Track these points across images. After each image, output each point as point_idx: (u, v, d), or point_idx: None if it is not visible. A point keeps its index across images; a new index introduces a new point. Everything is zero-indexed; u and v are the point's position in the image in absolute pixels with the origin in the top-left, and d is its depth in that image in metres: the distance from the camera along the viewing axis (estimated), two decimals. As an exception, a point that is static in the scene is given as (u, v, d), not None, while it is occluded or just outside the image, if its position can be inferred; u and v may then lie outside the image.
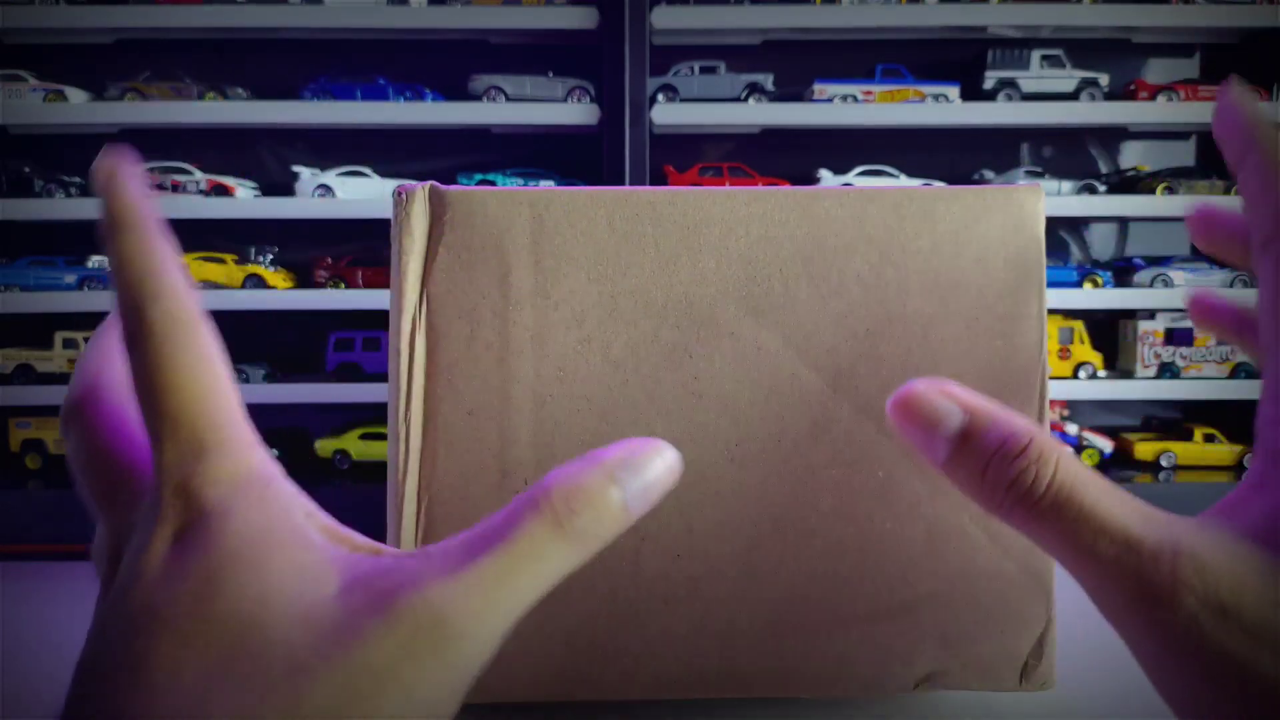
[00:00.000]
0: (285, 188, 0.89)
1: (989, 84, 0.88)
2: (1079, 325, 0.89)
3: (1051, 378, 0.36)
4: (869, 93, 0.87)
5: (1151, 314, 0.88)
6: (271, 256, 0.89)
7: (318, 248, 0.91)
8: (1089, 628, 0.44)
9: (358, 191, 0.87)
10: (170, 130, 0.89)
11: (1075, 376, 0.88)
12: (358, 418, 0.88)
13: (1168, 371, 0.88)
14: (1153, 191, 0.87)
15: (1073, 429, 0.90)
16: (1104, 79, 0.89)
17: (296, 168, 0.88)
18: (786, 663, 0.35)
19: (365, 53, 0.90)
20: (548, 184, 0.89)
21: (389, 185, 0.87)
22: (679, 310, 0.35)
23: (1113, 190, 0.89)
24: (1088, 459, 0.89)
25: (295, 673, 0.19)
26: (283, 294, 0.85)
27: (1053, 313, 0.85)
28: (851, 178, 0.90)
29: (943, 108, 0.87)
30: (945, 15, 0.85)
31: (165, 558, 0.21)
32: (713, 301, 0.35)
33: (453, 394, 0.35)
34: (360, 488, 0.82)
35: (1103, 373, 0.89)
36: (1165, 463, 0.87)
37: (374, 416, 0.88)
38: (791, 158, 0.93)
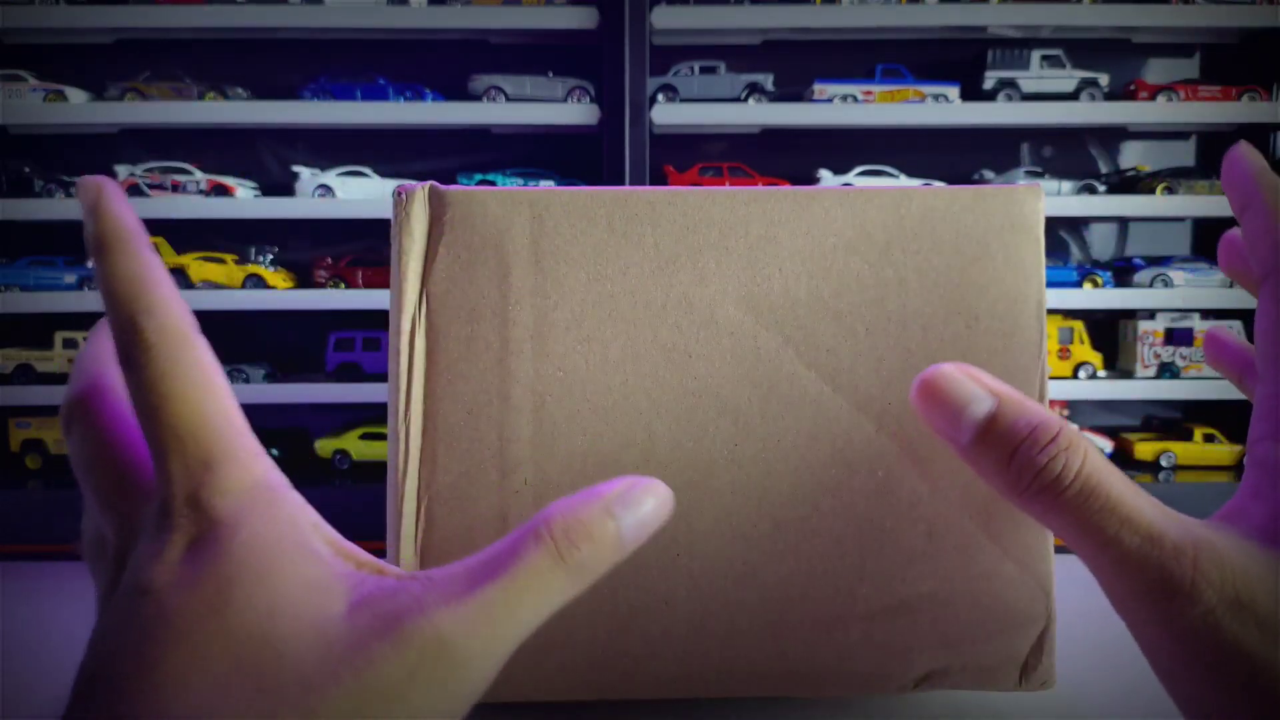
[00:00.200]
0: (285, 188, 0.89)
1: (989, 84, 0.88)
2: (1079, 325, 0.89)
3: (1051, 378, 0.36)
4: (869, 93, 0.87)
5: (1151, 314, 0.88)
6: (271, 256, 0.89)
7: (318, 248, 0.91)
8: (1089, 628, 0.44)
9: (358, 191, 0.87)
10: (170, 130, 0.89)
11: (1075, 376, 0.88)
12: (358, 418, 0.88)
13: (1168, 371, 0.88)
14: (1153, 191, 0.87)
15: (1073, 429, 0.90)
16: (1104, 79, 0.89)
17: (296, 168, 0.88)
18: (786, 663, 0.35)
19: (365, 53, 0.90)
20: (548, 184, 0.89)
21: (389, 185, 0.87)
22: (679, 310, 0.35)
23: (1113, 190, 0.89)
24: (1088, 459, 0.89)
25: (306, 690, 0.20)
26: (283, 294, 0.85)
27: (1053, 313, 0.85)
28: (851, 178, 0.90)
29: (943, 108, 0.87)
30: (945, 15, 0.85)
31: (178, 568, 0.21)
32: (713, 301, 0.35)
33: (453, 394, 0.35)
34: (360, 488, 0.82)
35: (1103, 373, 0.89)
36: (1165, 463, 0.87)
37: (374, 416, 0.88)
38: (791, 158, 0.93)
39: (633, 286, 0.35)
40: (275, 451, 0.86)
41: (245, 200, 0.87)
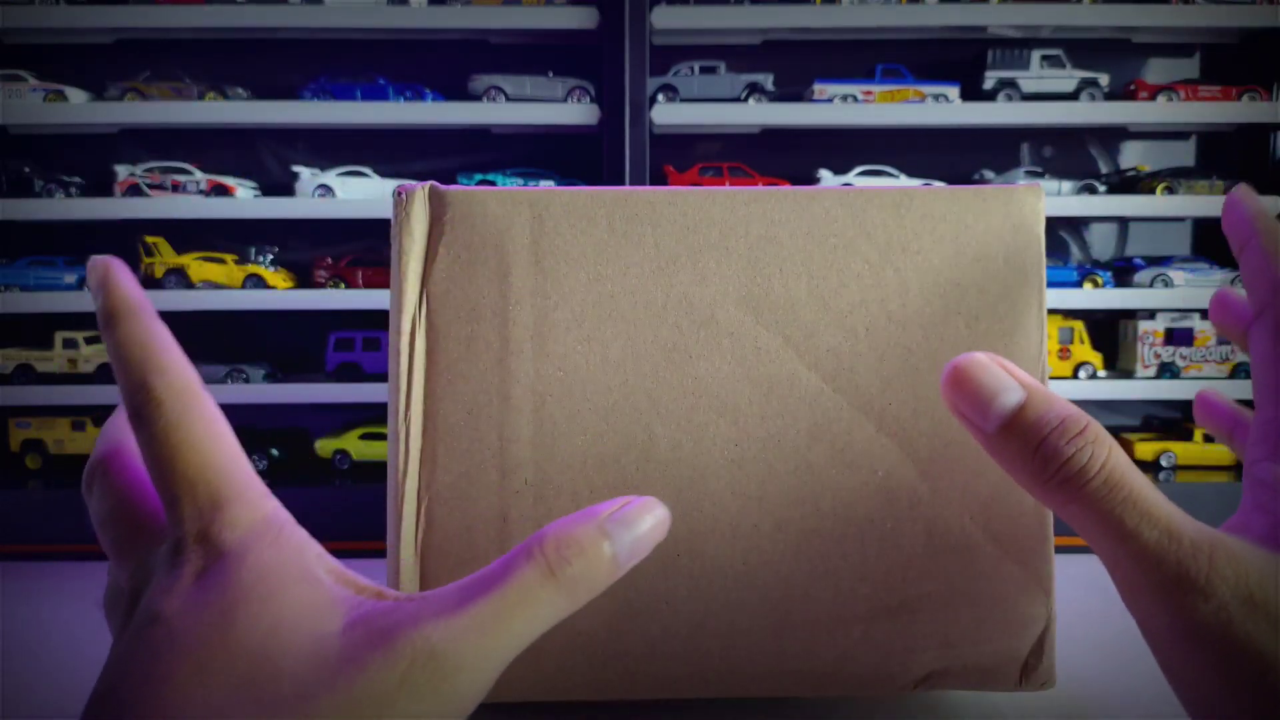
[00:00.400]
0: (285, 188, 0.89)
1: (989, 84, 0.88)
2: (1079, 325, 0.89)
3: (1051, 378, 0.36)
4: (869, 93, 0.87)
5: (1151, 314, 0.88)
6: (271, 256, 0.89)
7: (318, 248, 0.91)
8: (1089, 628, 0.44)
9: (358, 191, 0.87)
10: (170, 130, 0.89)
11: (1075, 376, 0.88)
12: (358, 418, 0.88)
13: (1168, 371, 0.88)
14: (1153, 191, 0.87)
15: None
16: (1104, 79, 0.89)
17: (296, 168, 0.88)
18: (786, 663, 0.35)
19: (365, 53, 0.90)
20: (548, 184, 0.89)
21: (389, 185, 0.87)
22: (679, 310, 0.35)
23: (1113, 190, 0.89)
24: (1088, 459, 0.89)
25: (302, 699, 0.21)
26: (283, 294, 0.85)
27: (1053, 313, 0.85)
28: (851, 178, 0.90)
29: (943, 108, 0.87)
30: (945, 15, 0.85)
31: (186, 595, 0.22)
32: (713, 301, 0.35)
33: (453, 394, 0.35)
34: (360, 488, 0.82)
35: (1103, 373, 0.89)
36: (1165, 463, 0.87)
37: (374, 416, 0.88)
38: (791, 158, 0.93)
39: (633, 286, 0.35)
40: (275, 451, 0.86)
41: (245, 200, 0.87)
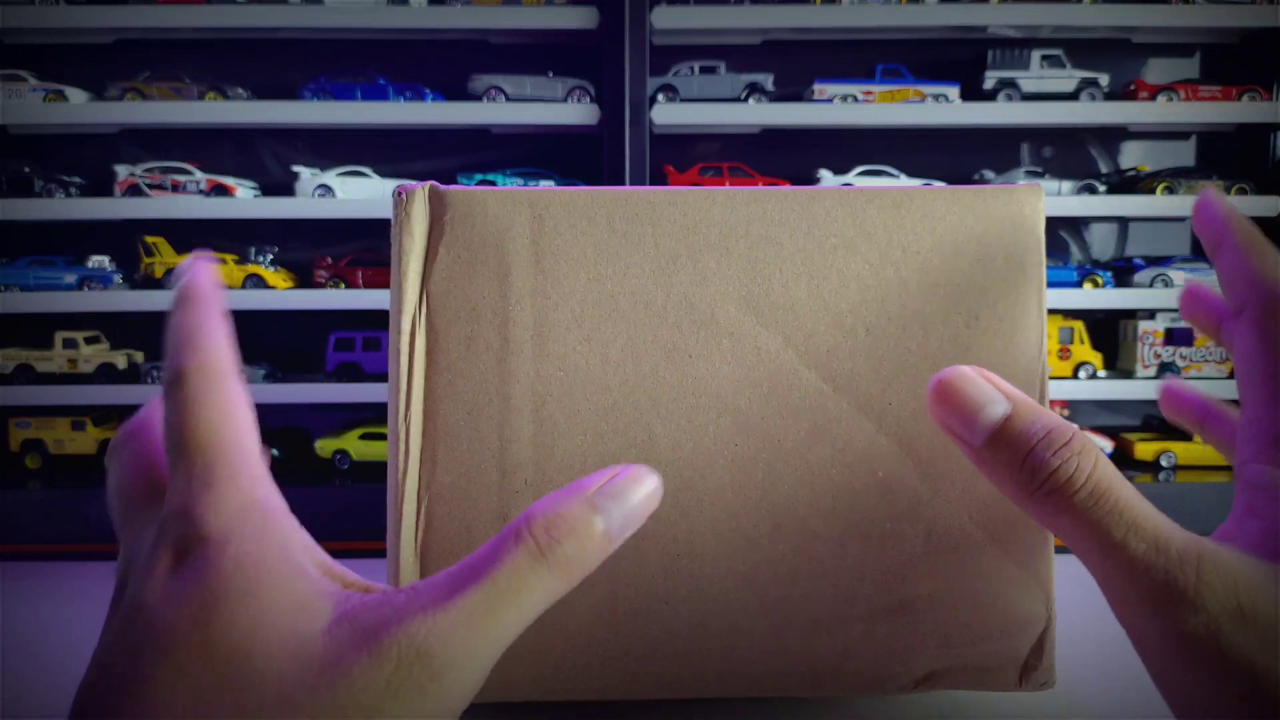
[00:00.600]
0: (285, 188, 0.89)
1: (989, 84, 0.88)
2: (1079, 325, 0.89)
3: (1051, 378, 0.36)
4: (869, 93, 0.87)
5: (1151, 314, 0.88)
6: (271, 256, 0.89)
7: (318, 248, 0.91)
8: (1089, 628, 0.44)
9: (358, 191, 0.87)
10: (170, 130, 0.89)
11: (1075, 376, 0.88)
12: (358, 418, 0.88)
13: (1168, 371, 0.88)
14: (1153, 191, 0.87)
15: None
16: (1104, 79, 0.89)
17: (296, 168, 0.88)
18: (786, 663, 0.35)
19: (365, 53, 0.90)
20: (548, 184, 0.89)
21: (389, 185, 0.87)
22: (679, 310, 0.35)
23: (1113, 190, 0.89)
24: (1088, 459, 0.89)
25: (283, 706, 0.20)
26: (283, 294, 0.85)
27: (1053, 313, 0.85)
28: (851, 178, 0.90)
29: (943, 108, 0.87)
30: (945, 15, 0.85)
31: (165, 582, 0.22)
32: (713, 301, 0.35)
33: (453, 394, 0.35)
34: (360, 488, 0.82)
35: (1103, 373, 0.89)
36: (1165, 463, 0.87)
37: (374, 416, 0.88)
38: (791, 158, 0.93)
39: (633, 286, 0.35)
40: (275, 451, 0.86)
41: (245, 200, 0.87)
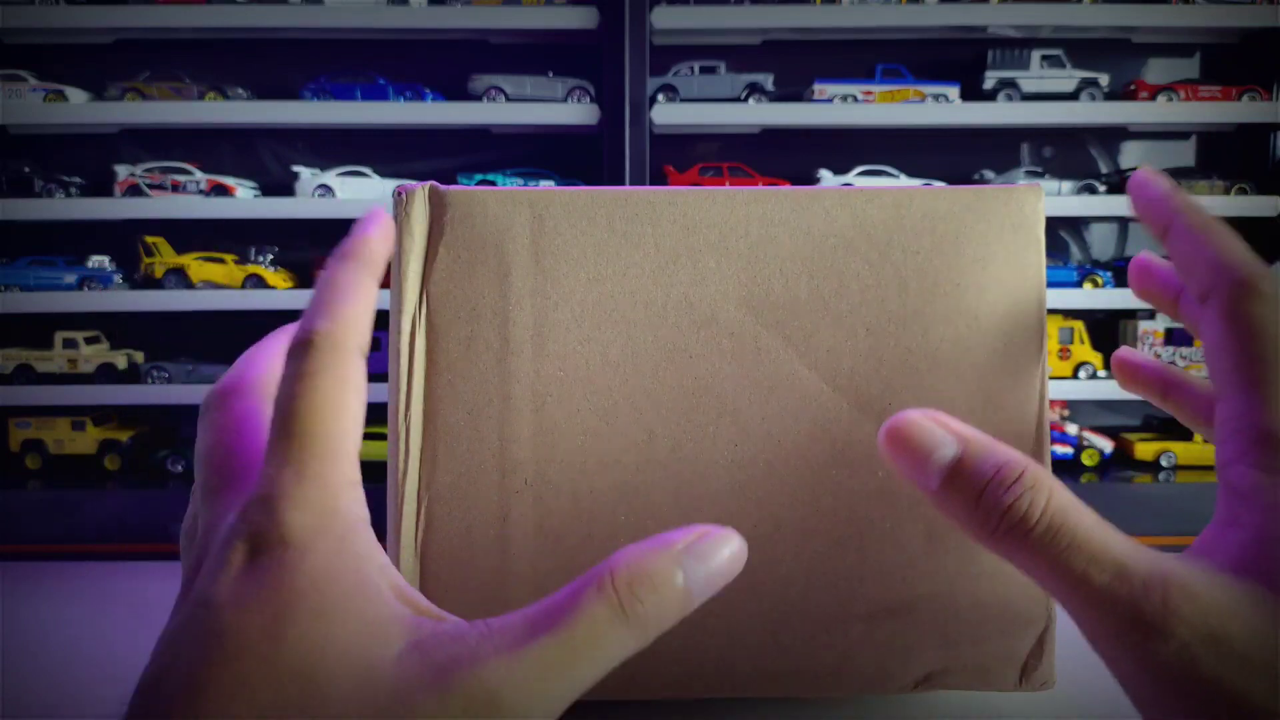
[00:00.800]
0: (285, 188, 0.89)
1: (989, 84, 0.88)
2: (1079, 325, 0.89)
3: (1051, 378, 0.36)
4: (869, 93, 0.87)
5: (1151, 314, 0.89)
6: (271, 256, 0.89)
7: (318, 248, 0.91)
8: (1089, 628, 0.44)
9: (358, 191, 0.87)
10: (170, 130, 0.89)
11: (1075, 376, 0.88)
12: (358, 418, 0.88)
13: (1168, 371, 0.88)
14: (1153, 191, 0.87)
15: (1073, 429, 0.90)
16: (1104, 79, 0.89)
17: (296, 168, 0.88)
18: (786, 663, 0.35)
19: (365, 53, 0.91)
20: (548, 184, 0.89)
21: (389, 185, 0.87)
22: (679, 310, 0.35)
23: (1113, 190, 0.90)
24: (1087, 459, 0.89)
25: None
26: (283, 294, 0.85)
27: (1053, 313, 0.85)
28: (851, 178, 0.90)
29: (943, 108, 0.87)
30: (945, 15, 0.85)
31: (237, 582, 0.21)
32: (713, 301, 0.35)
33: (453, 394, 0.35)
34: (360, 488, 0.81)
35: (1103, 373, 0.89)
36: (1165, 463, 0.87)
37: (374, 416, 0.88)
38: (791, 158, 0.93)
39: (633, 286, 0.35)
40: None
41: (245, 200, 0.87)
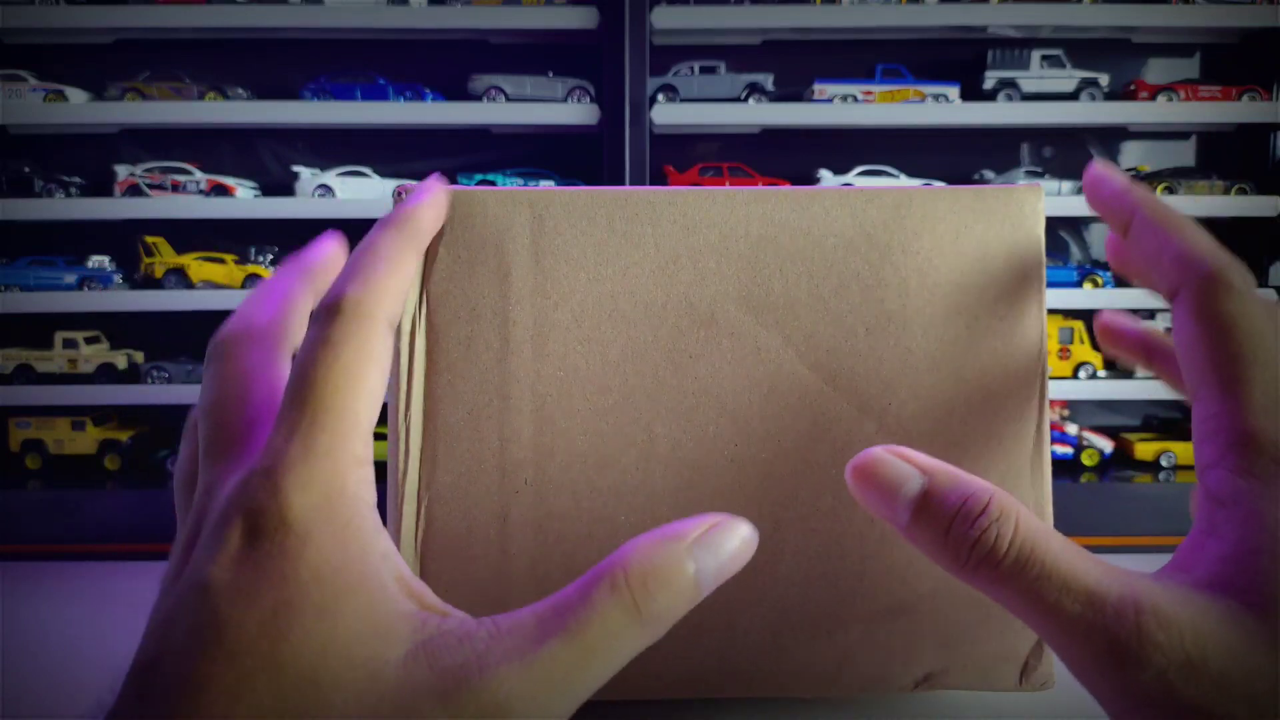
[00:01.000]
0: (285, 188, 0.89)
1: (989, 84, 0.88)
2: (1079, 325, 0.89)
3: (1051, 378, 0.36)
4: (869, 93, 0.87)
5: (1151, 314, 0.89)
6: (272, 256, 0.89)
7: (318, 248, 0.91)
8: (1089, 628, 0.44)
9: (358, 191, 0.87)
10: (170, 130, 0.89)
11: (1075, 376, 0.88)
12: (358, 418, 0.88)
13: (1168, 371, 0.88)
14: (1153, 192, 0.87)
15: (1073, 429, 0.90)
16: (1104, 79, 0.89)
17: (296, 168, 0.88)
18: (786, 663, 0.35)
19: (365, 53, 0.90)
20: (548, 184, 0.89)
21: (389, 185, 0.87)
22: (679, 310, 0.35)
23: (1113, 190, 0.89)
24: (1087, 459, 0.89)
25: None
26: (283, 294, 0.85)
27: (1053, 313, 0.85)
28: (851, 178, 0.90)
29: (943, 108, 0.87)
30: (945, 15, 0.85)
31: (235, 566, 0.20)
32: (713, 301, 0.35)
33: (453, 394, 0.35)
34: (360, 488, 0.81)
35: (1103, 373, 0.89)
36: (1165, 463, 0.87)
37: (374, 416, 0.88)
38: (791, 158, 0.93)
39: (633, 286, 0.35)
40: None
41: (245, 200, 0.87)
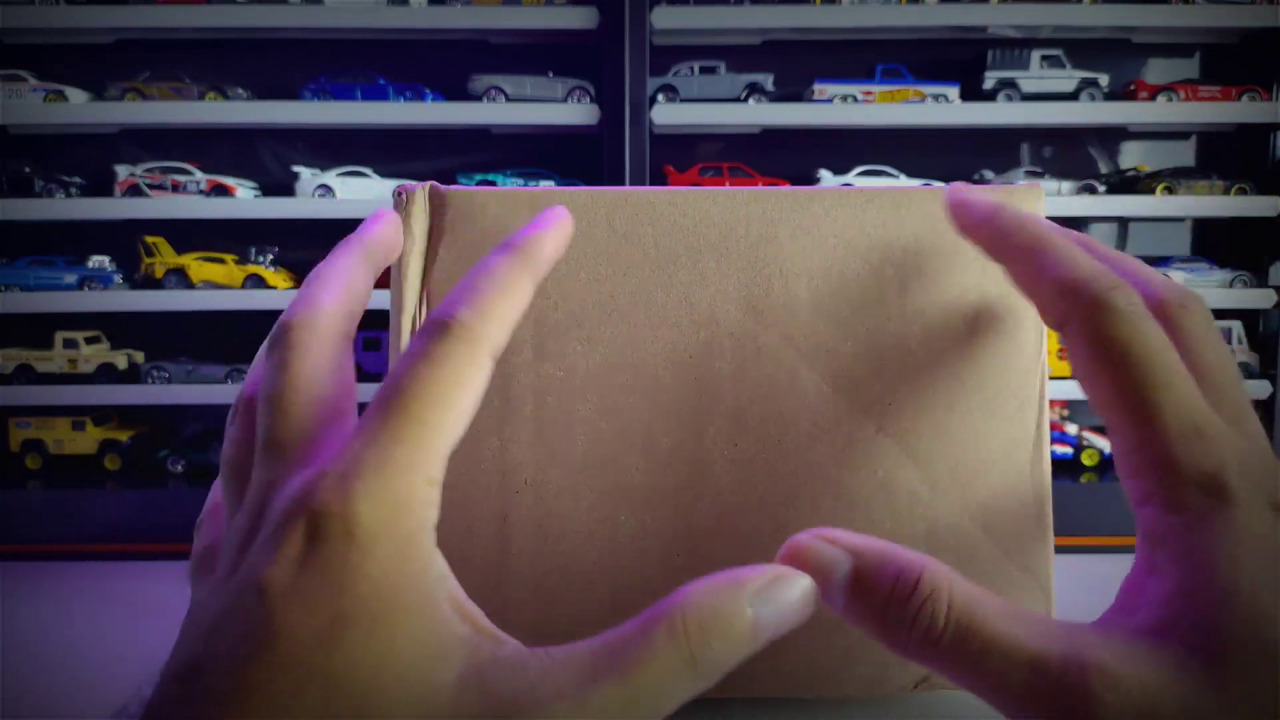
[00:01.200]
0: (285, 188, 0.89)
1: (989, 84, 0.88)
2: (1079, 325, 0.89)
3: (1052, 378, 0.36)
4: (869, 93, 0.87)
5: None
6: (272, 256, 0.89)
7: (318, 248, 0.91)
8: (1089, 628, 0.44)
9: (358, 191, 0.87)
10: (170, 130, 0.89)
11: (1075, 377, 0.88)
12: (358, 418, 0.88)
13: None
14: (1153, 192, 0.87)
15: (1073, 429, 0.90)
16: (1104, 79, 0.89)
17: (296, 168, 0.88)
18: (786, 663, 0.35)
19: (365, 53, 0.90)
20: (548, 184, 0.89)
21: (389, 185, 0.87)
22: (679, 310, 0.35)
23: (1113, 190, 0.89)
24: (1087, 459, 0.89)
25: None
26: (283, 294, 0.85)
27: (1053, 313, 0.85)
28: (851, 178, 0.90)
29: (943, 108, 0.87)
30: (945, 15, 0.85)
31: (293, 570, 0.20)
32: (713, 301, 0.35)
33: (453, 394, 0.35)
34: (360, 488, 0.81)
35: (1103, 373, 0.89)
36: (1165, 463, 0.86)
37: (374, 416, 0.88)
38: (791, 158, 0.93)
39: (633, 286, 0.35)
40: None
41: (245, 200, 0.87)
